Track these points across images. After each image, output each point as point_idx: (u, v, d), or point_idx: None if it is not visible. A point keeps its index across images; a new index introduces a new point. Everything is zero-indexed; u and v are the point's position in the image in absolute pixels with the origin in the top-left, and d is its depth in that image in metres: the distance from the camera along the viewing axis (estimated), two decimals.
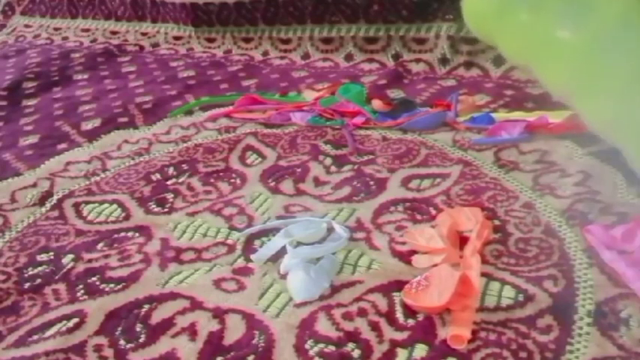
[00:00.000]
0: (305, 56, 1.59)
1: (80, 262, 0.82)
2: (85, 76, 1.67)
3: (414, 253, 0.75)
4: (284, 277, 0.73)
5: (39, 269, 0.82)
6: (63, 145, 1.21)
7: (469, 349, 0.60)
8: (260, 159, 1.05)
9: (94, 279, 0.78)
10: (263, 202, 0.91)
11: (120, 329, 0.69)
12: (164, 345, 0.66)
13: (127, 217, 0.92)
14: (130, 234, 0.87)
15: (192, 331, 0.67)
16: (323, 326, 0.65)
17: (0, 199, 1.02)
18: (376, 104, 1.15)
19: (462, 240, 0.76)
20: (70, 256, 0.83)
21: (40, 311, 0.73)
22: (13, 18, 2.35)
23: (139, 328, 0.68)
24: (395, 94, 1.28)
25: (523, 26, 0.76)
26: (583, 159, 0.91)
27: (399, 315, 0.66)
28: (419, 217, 0.83)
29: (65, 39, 2.08)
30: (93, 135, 1.24)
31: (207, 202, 0.93)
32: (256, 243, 0.81)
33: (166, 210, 0.92)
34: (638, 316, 0.61)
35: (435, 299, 0.64)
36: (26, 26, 2.26)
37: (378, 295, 0.69)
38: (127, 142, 1.19)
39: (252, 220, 0.87)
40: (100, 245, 0.85)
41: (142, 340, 0.66)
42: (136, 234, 0.87)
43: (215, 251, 0.81)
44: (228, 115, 1.25)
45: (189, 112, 1.30)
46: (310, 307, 0.68)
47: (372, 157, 1.01)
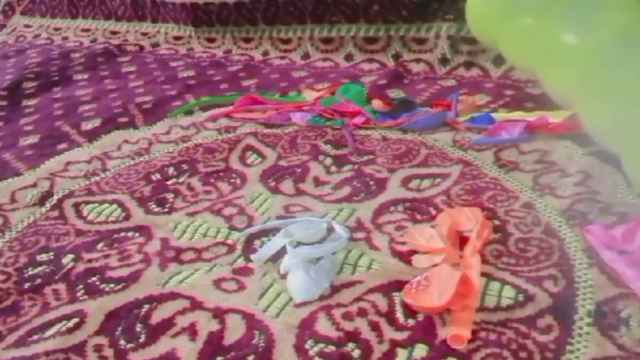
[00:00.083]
0: (305, 56, 1.59)
1: (80, 262, 0.82)
2: (85, 76, 1.67)
3: (414, 253, 0.75)
4: (284, 277, 0.73)
5: (39, 269, 0.82)
6: (63, 145, 1.21)
7: (469, 349, 0.60)
8: (260, 159, 1.05)
9: (94, 279, 0.78)
10: (263, 202, 0.91)
11: (120, 329, 0.69)
12: (164, 345, 0.66)
13: (127, 217, 0.92)
14: (130, 234, 0.87)
15: (192, 331, 0.67)
16: (323, 326, 0.65)
17: (0, 199, 1.02)
18: (376, 104, 1.15)
19: (462, 240, 0.76)
20: (70, 256, 0.83)
21: (40, 311, 0.73)
22: (13, 18, 2.34)
23: (139, 328, 0.68)
24: (395, 94, 1.28)
25: (526, 31, 0.76)
26: (583, 159, 0.91)
27: (399, 315, 0.66)
28: (419, 217, 0.83)
29: (65, 39, 2.08)
30: (93, 135, 1.24)
31: (207, 202, 0.93)
32: (256, 243, 0.81)
33: (166, 210, 0.92)
34: (638, 316, 0.61)
35: (435, 299, 0.64)
36: (26, 26, 2.26)
37: (378, 295, 0.69)
38: (127, 142, 1.19)
39: (252, 220, 0.87)
40: (100, 245, 0.85)
41: (142, 340, 0.66)
42: (136, 234, 0.87)
43: (215, 251, 0.81)
44: (228, 115, 1.25)
45: (189, 112, 1.30)
46: (310, 307, 0.68)
47: (372, 157, 1.01)
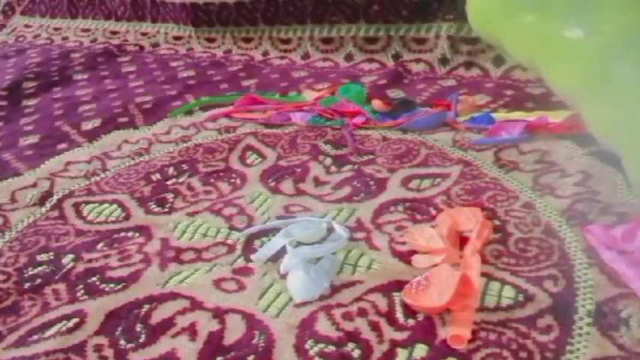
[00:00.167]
0: (305, 56, 1.59)
1: (80, 262, 0.82)
2: (85, 76, 1.67)
3: (414, 253, 0.75)
4: (284, 277, 0.73)
5: (39, 269, 0.82)
6: (63, 145, 1.21)
7: (469, 349, 0.60)
8: (260, 159, 1.05)
9: (94, 279, 0.78)
10: (263, 202, 0.91)
11: (120, 329, 0.69)
12: (164, 345, 0.66)
13: (127, 217, 0.92)
14: (130, 234, 0.87)
15: (192, 331, 0.67)
16: (323, 326, 0.65)
17: (0, 199, 1.02)
18: (376, 104, 1.15)
19: (462, 240, 0.76)
20: (70, 256, 0.83)
21: (40, 311, 0.73)
22: (13, 18, 2.34)
23: (139, 328, 0.68)
24: (395, 94, 1.27)
25: (528, 27, 0.75)
26: (583, 159, 0.91)
27: (399, 315, 0.66)
28: (419, 217, 0.83)
29: (65, 39, 2.08)
30: (93, 135, 1.24)
31: (207, 202, 0.93)
32: (256, 243, 0.81)
33: (166, 210, 0.92)
34: (638, 316, 0.61)
35: (435, 299, 0.64)
36: (26, 26, 2.26)
37: (378, 295, 0.69)
38: (127, 142, 1.19)
39: (252, 220, 0.87)
40: (100, 245, 0.85)
41: (142, 340, 0.66)
42: (136, 234, 0.87)
43: (215, 251, 0.81)
44: (228, 115, 1.25)
45: (189, 112, 1.30)
46: (310, 307, 0.68)
47: (372, 157, 1.01)
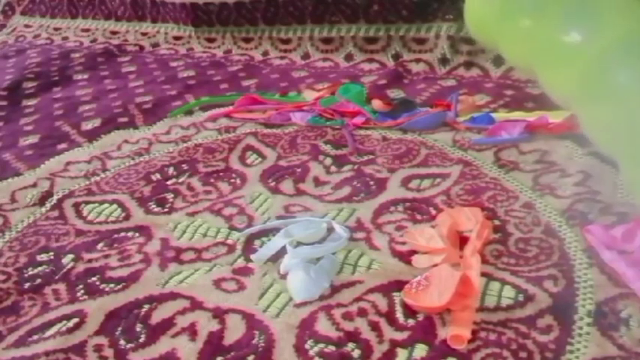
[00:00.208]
0: (305, 56, 1.59)
1: (80, 262, 0.82)
2: (85, 76, 1.67)
3: (414, 253, 0.75)
4: (284, 277, 0.73)
5: (39, 269, 0.82)
6: (63, 145, 1.21)
7: (469, 349, 0.60)
8: (260, 159, 1.05)
9: (94, 279, 0.78)
10: (263, 202, 0.91)
11: (120, 329, 0.69)
12: (164, 345, 0.66)
13: (127, 217, 0.92)
14: (130, 234, 0.87)
15: (192, 331, 0.67)
16: (323, 326, 0.65)
17: (0, 199, 1.02)
18: (376, 104, 1.15)
19: (462, 240, 0.76)
20: (70, 256, 0.83)
21: (40, 311, 0.73)
22: (13, 18, 2.34)
23: (139, 328, 0.68)
24: (395, 94, 1.28)
25: (526, 32, 0.75)
26: (583, 159, 0.91)
27: (399, 315, 0.66)
28: (419, 217, 0.83)
29: (65, 39, 2.08)
30: (93, 135, 1.24)
31: (207, 202, 0.93)
32: (256, 243, 0.81)
33: (166, 210, 0.92)
34: (638, 316, 0.61)
35: (435, 299, 0.64)
36: (26, 26, 2.26)
37: (378, 295, 0.69)
38: (127, 142, 1.19)
39: (252, 220, 0.87)
40: (100, 245, 0.85)
41: (142, 340, 0.66)
42: (136, 234, 0.87)
43: (215, 251, 0.81)
44: (228, 115, 1.25)
45: (189, 112, 1.30)
46: (310, 307, 0.68)
47: (372, 157, 1.01)
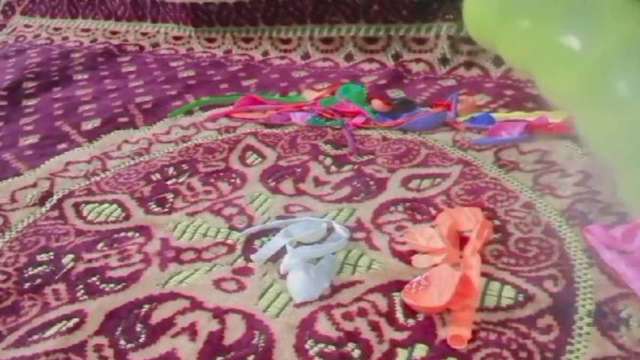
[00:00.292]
0: (305, 56, 1.59)
1: (80, 262, 0.82)
2: (85, 76, 1.67)
3: (414, 253, 0.75)
4: (284, 277, 0.73)
5: (39, 269, 0.82)
6: (63, 145, 1.21)
7: (469, 349, 0.60)
8: (260, 159, 1.05)
9: (94, 279, 0.78)
10: (263, 202, 0.91)
11: (120, 329, 0.69)
12: (164, 345, 0.66)
13: (127, 217, 0.92)
14: (130, 234, 0.87)
15: (192, 331, 0.67)
16: (323, 326, 0.65)
17: (0, 199, 1.02)
18: (376, 104, 1.15)
19: (462, 240, 0.76)
20: (70, 256, 0.83)
21: (40, 311, 0.73)
22: (13, 18, 2.34)
23: (139, 328, 0.68)
24: (395, 94, 1.28)
25: (525, 33, 0.75)
26: (583, 159, 0.91)
27: (399, 315, 0.66)
28: (419, 217, 0.83)
29: (65, 39, 2.08)
30: (93, 135, 1.24)
31: (207, 202, 0.93)
32: (256, 243, 0.81)
33: (166, 210, 0.92)
34: (638, 316, 0.61)
35: (435, 299, 0.64)
36: (26, 26, 2.26)
37: (378, 295, 0.69)
38: (127, 142, 1.19)
39: (252, 220, 0.87)
40: (100, 245, 0.85)
41: (142, 340, 0.66)
42: (136, 234, 0.87)
43: (215, 251, 0.81)
44: (228, 115, 1.25)
45: (189, 112, 1.30)
46: (310, 307, 0.68)
47: (372, 157, 1.01)
